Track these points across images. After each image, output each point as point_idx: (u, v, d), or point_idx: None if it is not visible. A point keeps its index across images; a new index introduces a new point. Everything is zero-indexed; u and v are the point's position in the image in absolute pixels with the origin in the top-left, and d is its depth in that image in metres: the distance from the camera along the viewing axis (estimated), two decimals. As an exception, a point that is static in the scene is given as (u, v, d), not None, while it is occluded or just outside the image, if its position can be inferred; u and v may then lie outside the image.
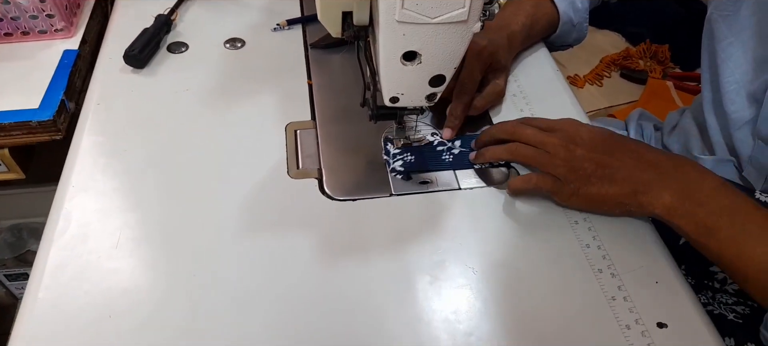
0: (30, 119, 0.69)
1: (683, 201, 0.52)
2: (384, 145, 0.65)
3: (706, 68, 0.69)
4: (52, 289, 0.51)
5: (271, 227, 0.56)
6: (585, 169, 0.55)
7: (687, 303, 0.52)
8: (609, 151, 0.56)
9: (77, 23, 0.82)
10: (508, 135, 0.61)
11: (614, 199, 0.54)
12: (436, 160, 0.64)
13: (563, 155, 0.56)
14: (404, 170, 0.63)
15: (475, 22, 0.49)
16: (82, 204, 0.58)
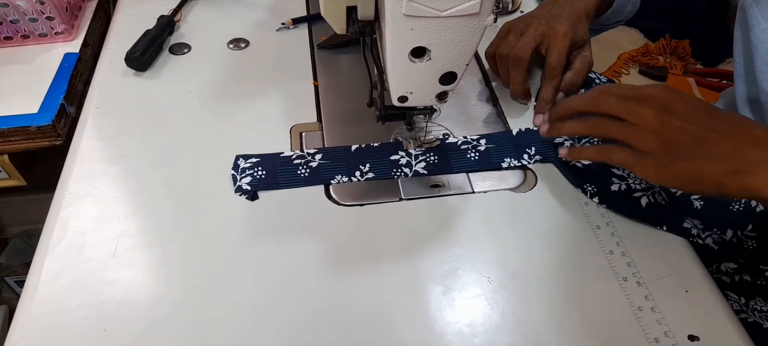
0: (29, 124, 0.67)
1: None
2: (235, 160, 0.59)
3: (740, 59, 0.65)
4: (45, 302, 0.49)
5: (275, 235, 0.54)
6: (681, 143, 0.47)
7: (720, 313, 0.48)
8: (711, 123, 0.48)
9: (78, 26, 0.81)
10: (589, 106, 0.53)
11: (713, 177, 0.46)
12: (461, 159, 0.61)
13: (655, 126, 0.48)
14: (250, 190, 0.57)
15: (487, 14, 0.46)
16: (79, 212, 0.56)
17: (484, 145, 0.62)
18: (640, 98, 0.50)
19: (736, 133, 0.47)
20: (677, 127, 0.48)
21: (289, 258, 0.52)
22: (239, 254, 0.52)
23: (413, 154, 0.61)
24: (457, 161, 0.60)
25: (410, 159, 0.60)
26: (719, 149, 0.46)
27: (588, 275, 0.51)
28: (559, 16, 0.66)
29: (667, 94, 0.50)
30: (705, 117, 0.48)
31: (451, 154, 0.61)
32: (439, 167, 0.60)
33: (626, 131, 0.49)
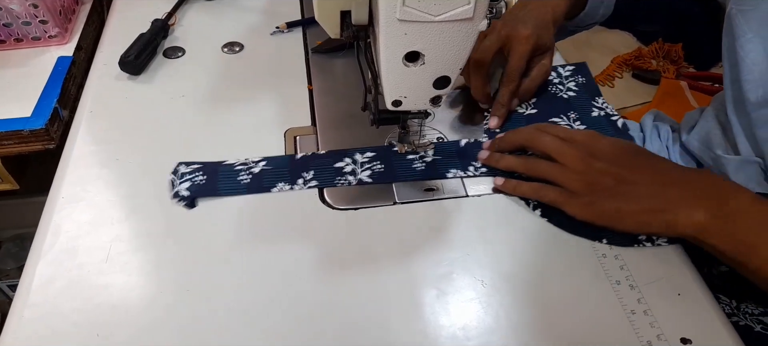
0: (22, 128, 0.67)
1: (717, 219, 0.48)
2: (176, 166, 0.58)
3: (727, 66, 0.66)
4: (38, 306, 0.48)
5: (270, 239, 0.54)
6: (603, 184, 0.52)
7: (712, 316, 0.48)
8: (630, 165, 0.52)
9: (72, 29, 0.80)
10: (525, 141, 0.58)
11: (635, 216, 0.51)
12: (407, 169, 0.60)
13: (580, 168, 0.53)
14: (189, 196, 0.56)
15: (481, 19, 0.46)
16: (72, 216, 0.55)
17: (432, 156, 0.61)
18: (569, 140, 0.55)
19: (655, 174, 0.52)
20: (600, 169, 0.52)
21: (283, 262, 0.52)
22: (233, 258, 0.52)
23: (358, 161, 0.60)
24: (402, 170, 0.60)
25: (355, 166, 0.60)
26: (639, 190, 0.51)
27: (581, 278, 0.51)
28: (525, 19, 0.65)
29: (593, 139, 0.55)
30: (627, 159, 0.53)
31: (397, 163, 0.60)
32: (384, 176, 0.59)
33: (556, 172, 0.54)
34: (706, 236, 0.48)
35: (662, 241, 0.53)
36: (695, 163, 0.75)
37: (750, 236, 0.47)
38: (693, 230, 0.49)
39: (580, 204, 0.52)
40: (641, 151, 0.55)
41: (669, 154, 0.78)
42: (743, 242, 0.47)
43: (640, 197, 0.51)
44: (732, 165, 0.66)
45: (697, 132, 0.73)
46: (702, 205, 0.49)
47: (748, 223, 0.47)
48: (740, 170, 0.65)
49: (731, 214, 0.48)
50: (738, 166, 0.65)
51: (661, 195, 0.50)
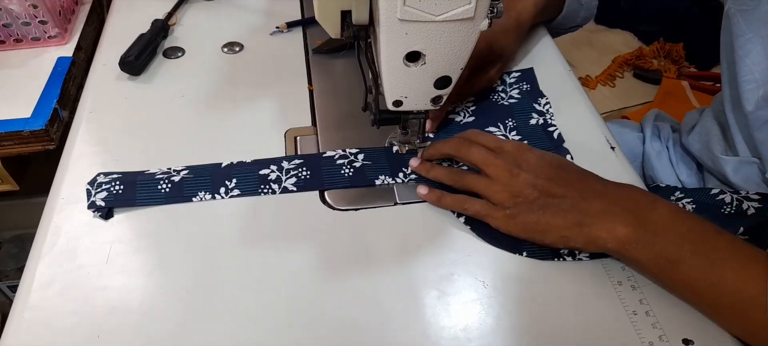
0: (22, 129, 0.66)
1: (639, 232, 0.47)
2: (95, 177, 0.57)
3: (725, 65, 0.66)
4: (38, 308, 0.48)
5: (270, 240, 0.54)
6: (527, 196, 0.51)
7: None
8: (556, 178, 0.52)
9: (72, 29, 0.80)
10: (453, 151, 0.57)
11: (556, 230, 0.50)
12: (335, 175, 0.59)
13: (505, 179, 0.52)
14: (104, 207, 0.54)
15: (482, 19, 0.46)
16: (71, 217, 0.55)
17: (361, 162, 0.60)
18: (497, 151, 0.55)
19: (578, 188, 0.51)
20: (524, 181, 0.52)
21: (284, 263, 0.51)
22: (233, 260, 0.52)
23: (284, 168, 0.59)
24: (329, 177, 0.59)
25: (280, 174, 0.58)
26: (562, 203, 0.50)
27: (582, 279, 0.51)
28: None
29: (521, 151, 0.55)
30: (553, 172, 0.52)
31: (325, 169, 0.59)
32: (310, 183, 0.58)
33: (481, 185, 0.54)
34: (629, 250, 0.47)
35: (584, 256, 0.52)
36: (695, 164, 0.75)
37: (671, 249, 0.46)
38: (615, 244, 0.48)
39: (504, 216, 0.52)
40: (568, 165, 0.54)
41: (669, 154, 0.78)
42: (665, 257, 0.46)
43: (562, 210, 0.50)
44: (730, 165, 0.66)
45: (697, 133, 0.73)
46: (624, 219, 0.48)
47: (669, 236, 0.47)
48: (739, 171, 0.65)
49: (653, 227, 0.47)
50: (736, 167, 0.65)
51: (583, 209, 0.49)
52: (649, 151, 0.79)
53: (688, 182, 0.74)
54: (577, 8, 0.78)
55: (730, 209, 0.61)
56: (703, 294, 0.46)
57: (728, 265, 0.45)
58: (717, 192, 0.63)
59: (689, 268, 0.46)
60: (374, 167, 0.60)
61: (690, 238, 0.46)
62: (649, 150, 0.79)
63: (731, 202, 0.62)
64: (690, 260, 0.46)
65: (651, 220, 0.48)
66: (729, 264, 0.45)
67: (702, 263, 0.45)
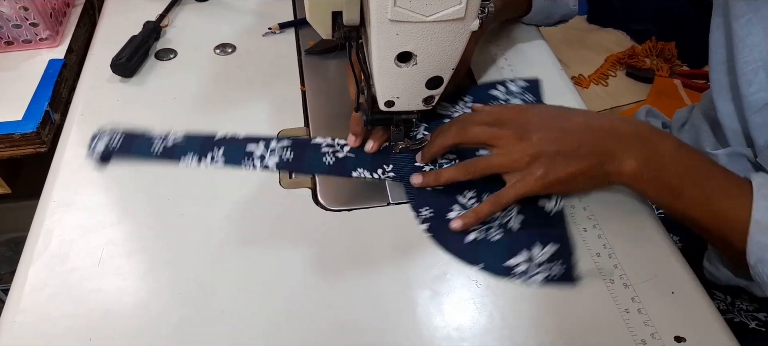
0: (13, 132, 0.66)
1: (647, 165, 0.51)
2: (95, 134, 0.60)
3: (721, 49, 0.65)
4: (30, 311, 0.48)
5: (263, 241, 0.53)
6: (546, 153, 0.52)
7: (706, 314, 0.48)
8: (563, 128, 0.53)
9: (63, 32, 0.80)
10: (455, 139, 0.56)
11: (584, 174, 0.52)
12: (317, 162, 0.59)
13: (519, 147, 0.53)
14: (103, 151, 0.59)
15: (472, 19, 0.46)
16: (63, 220, 0.55)
17: (345, 153, 0.60)
18: (498, 122, 0.55)
19: (588, 131, 0.53)
20: (538, 140, 0.53)
21: (276, 264, 0.51)
22: (226, 261, 0.52)
23: (271, 147, 0.60)
24: (310, 163, 0.59)
25: (265, 152, 0.60)
26: (580, 149, 0.52)
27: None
28: None
29: (521, 113, 0.55)
30: (560, 122, 0.54)
31: (309, 154, 0.60)
32: (290, 165, 0.59)
33: (497, 161, 0.54)
34: (638, 182, 0.52)
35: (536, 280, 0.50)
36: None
37: (674, 181, 0.51)
38: (628, 178, 0.52)
39: (534, 180, 0.52)
40: (566, 111, 0.57)
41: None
42: (669, 187, 0.51)
43: (583, 156, 0.52)
44: (722, 159, 0.66)
45: (687, 130, 0.73)
46: (632, 152, 0.51)
47: (673, 168, 0.51)
48: (730, 163, 0.65)
49: (658, 160, 0.51)
50: (728, 160, 0.65)
51: (600, 148, 0.52)
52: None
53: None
54: (548, 5, 0.78)
55: None
56: (700, 219, 0.51)
57: (722, 194, 0.50)
58: None
59: (690, 197, 0.51)
60: (355, 160, 0.60)
61: (691, 170, 0.51)
62: None
63: None
64: (690, 190, 0.51)
65: (657, 153, 0.51)
66: (722, 194, 0.50)
67: (700, 193, 0.51)
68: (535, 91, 0.70)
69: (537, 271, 0.50)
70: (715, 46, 0.65)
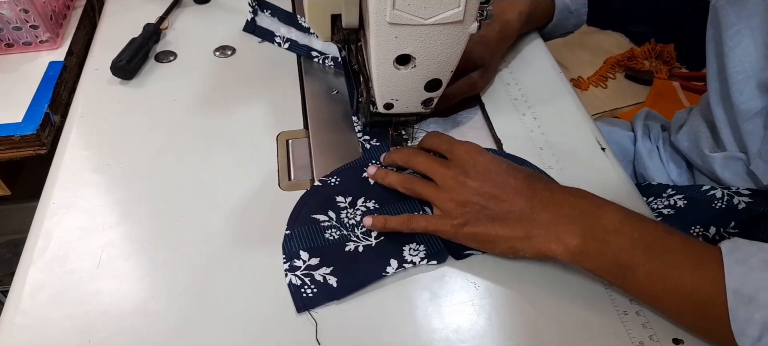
0: (13, 134, 0.66)
1: (590, 242, 0.46)
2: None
3: (713, 58, 0.66)
4: (29, 313, 0.48)
5: (262, 243, 0.54)
6: (474, 205, 0.50)
7: (704, 316, 0.49)
8: (502, 184, 0.50)
9: (63, 34, 0.80)
10: (403, 162, 0.57)
11: (505, 241, 0.49)
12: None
13: (451, 187, 0.51)
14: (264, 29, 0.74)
15: (471, 22, 0.46)
16: (63, 222, 0.55)
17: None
18: (449, 152, 0.54)
19: (526, 196, 0.50)
20: (471, 189, 0.51)
21: (276, 266, 0.51)
22: (226, 263, 0.52)
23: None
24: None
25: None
26: (509, 214, 0.49)
27: (573, 280, 0.51)
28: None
29: (471, 154, 0.53)
30: (501, 179, 0.51)
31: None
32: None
33: (429, 192, 0.53)
34: (582, 261, 0.47)
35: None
36: (685, 163, 0.76)
37: (624, 256, 0.45)
38: (567, 256, 0.47)
39: (452, 226, 0.50)
40: (518, 170, 0.52)
41: (660, 154, 0.79)
42: (618, 264, 0.46)
43: (510, 221, 0.49)
44: (718, 162, 0.66)
45: (686, 132, 0.74)
46: (572, 229, 0.47)
47: (620, 243, 0.46)
48: (726, 167, 0.66)
49: (602, 235, 0.46)
50: (724, 163, 0.66)
51: (532, 220, 0.48)
52: (640, 150, 0.80)
53: (679, 181, 0.75)
54: (567, 16, 0.78)
55: (721, 203, 0.62)
56: (661, 298, 0.45)
57: (683, 266, 0.44)
58: (708, 188, 0.64)
59: (645, 273, 0.45)
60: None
61: (642, 243, 0.45)
62: (640, 149, 0.80)
63: (722, 197, 0.62)
64: (645, 266, 0.45)
65: (600, 227, 0.47)
66: (684, 265, 0.44)
67: (657, 267, 0.45)
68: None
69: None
70: (709, 55, 0.66)
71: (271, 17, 0.78)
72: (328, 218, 0.54)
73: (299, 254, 0.51)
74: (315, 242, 0.52)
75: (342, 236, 0.53)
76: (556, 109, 0.69)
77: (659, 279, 0.44)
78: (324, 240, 0.52)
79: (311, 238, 0.53)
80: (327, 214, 0.55)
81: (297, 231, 0.53)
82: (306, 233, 0.53)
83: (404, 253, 0.52)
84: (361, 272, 0.50)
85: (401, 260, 0.51)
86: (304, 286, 0.49)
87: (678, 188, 0.67)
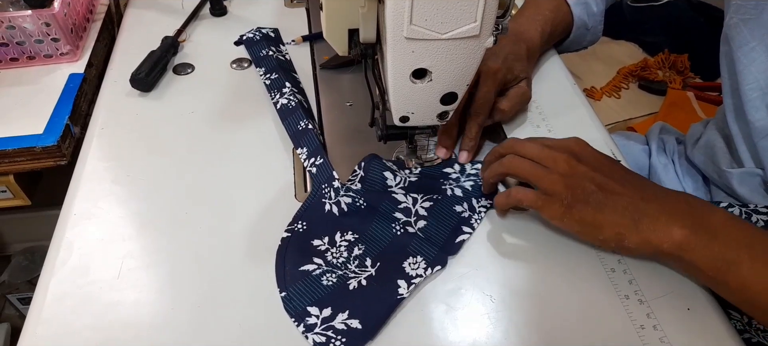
0: (34, 145, 0.67)
1: (697, 235, 0.47)
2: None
3: (726, 76, 0.66)
4: (51, 323, 0.49)
5: (279, 254, 0.54)
6: (585, 188, 0.50)
7: (722, 332, 0.48)
8: (613, 175, 0.51)
9: (83, 46, 0.81)
10: (508, 148, 0.56)
11: (612, 227, 0.49)
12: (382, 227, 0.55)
13: (563, 169, 0.51)
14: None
15: (487, 36, 0.47)
16: (84, 233, 0.56)
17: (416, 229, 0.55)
18: (554, 147, 0.54)
19: (637, 187, 0.50)
20: (583, 173, 0.51)
21: (293, 278, 0.52)
22: (245, 274, 0.52)
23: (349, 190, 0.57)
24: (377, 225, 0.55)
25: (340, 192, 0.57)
26: (619, 200, 0.49)
27: (590, 293, 0.51)
28: (497, 53, 0.64)
29: (579, 145, 0.54)
30: (610, 170, 0.52)
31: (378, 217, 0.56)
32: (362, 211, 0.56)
33: (537, 172, 0.52)
34: (686, 252, 0.47)
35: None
36: (700, 177, 0.75)
37: (730, 253, 0.46)
38: (671, 247, 0.47)
39: (560, 206, 0.50)
40: (624, 167, 0.54)
41: (675, 168, 0.78)
42: (723, 259, 0.46)
43: (620, 207, 0.49)
44: (735, 178, 0.66)
45: (702, 146, 0.73)
46: (680, 221, 0.48)
47: (727, 239, 0.46)
48: (743, 183, 0.65)
49: (711, 230, 0.47)
50: (741, 179, 0.65)
51: (641, 209, 0.49)
52: (655, 164, 0.79)
53: (695, 196, 0.74)
54: (583, 33, 0.79)
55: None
56: (759, 298, 0.45)
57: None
58: (725, 206, 0.64)
59: (748, 270, 0.45)
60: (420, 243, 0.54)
61: (747, 242, 0.46)
62: (655, 163, 0.79)
63: (740, 215, 0.62)
64: (749, 263, 0.45)
65: (708, 223, 0.47)
66: None
67: (761, 266, 0.45)
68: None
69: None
70: (722, 72, 0.66)
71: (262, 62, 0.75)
72: (316, 265, 0.52)
73: (307, 311, 0.49)
74: (317, 293, 0.50)
75: (339, 277, 0.51)
76: (570, 121, 0.69)
77: (762, 279, 0.45)
78: (324, 288, 0.50)
79: (311, 291, 0.50)
80: (313, 262, 0.52)
81: (293, 290, 0.50)
82: (303, 288, 0.50)
83: (407, 270, 0.51)
84: (377, 304, 0.49)
85: (408, 278, 0.51)
86: (331, 341, 0.47)
87: None
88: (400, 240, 0.54)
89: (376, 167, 0.59)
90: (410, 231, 0.54)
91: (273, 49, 0.76)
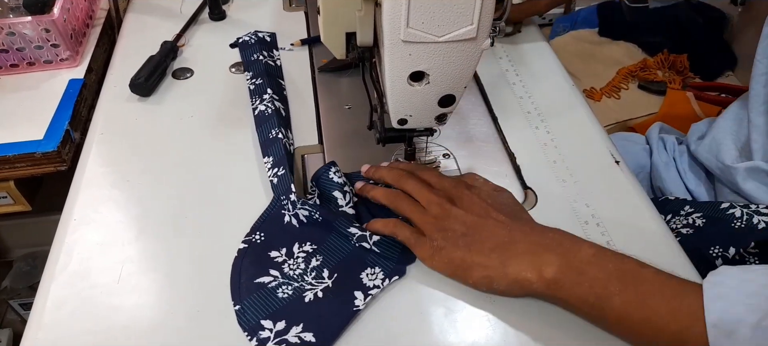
0: (34, 151, 0.68)
1: (565, 272, 0.46)
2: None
3: (765, 59, 0.64)
4: (51, 328, 0.49)
5: (278, 258, 0.54)
6: (455, 231, 0.51)
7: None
8: (484, 216, 0.51)
9: (83, 52, 0.82)
10: (393, 181, 0.57)
11: (480, 269, 0.49)
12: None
13: (435, 212, 0.52)
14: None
15: (484, 39, 0.47)
16: (84, 237, 0.56)
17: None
18: (435, 186, 0.55)
19: (507, 228, 0.50)
20: (455, 215, 0.52)
21: (292, 281, 0.52)
22: (243, 278, 0.52)
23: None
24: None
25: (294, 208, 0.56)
26: (487, 242, 0.50)
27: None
28: None
29: (458, 188, 0.55)
30: (484, 211, 0.52)
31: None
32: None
33: (413, 210, 0.54)
34: (557, 290, 0.46)
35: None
36: (704, 173, 0.75)
37: (598, 288, 0.45)
38: (542, 285, 0.47)
39: (430, 248, 0.51)
40: (502, 207, 0.54)
41: (676, 165, 0.79)
42: (594, 294, 0.45)
43: (487, 249, 0.49)
44: (741, 173, 0.66)
45: (707, 142, 0.73)
46: (548, 259, 0.47)
47: (596, 274, 0.46)
48: (749, 177, 0.65)
49: (579, 266, 0.46)
50: (746, 174, 0.65)
51: (508, 249, 0.49)
52: (656, 162, 0.79)
53: (698, 192, 0.74)
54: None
55: (740, 223, 0.61)
56: (637, 328, 0.44)
57: (659, 297, 0.44)
58: (727, 206, 0.63)
59: (621, 303, 0.44)
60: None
61: (617, 274, 0.45)
62: (656, 161, 0.79)
63: (741, 216, 0.62)
64: (620, 295, 0.44)
65: (577, 259, 0.47)
66: (660, 296, 0.44)
67: (633, 297, 0.44)
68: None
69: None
70: (760, 56, 0.65)
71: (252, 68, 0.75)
72: (273, 276, 0.51)
73: (261, 324, 0.48)
74: (271, 306, 0.49)
75: (295, 289, 0.50)
76: (569, 122, 0.69)
77: (635, 308, 0.44)
78: (279, 301, 0.49)
79: (265, 303, 0.49)
80: (270, 274, 0.52)
81: (247, 302, 0.49)
82: (257, 300, 0.49)
83: (365, 281, 0.51)
84: (332, 317, 0.48)
85: (365, 289, 0.51)
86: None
87: (696, 206, 0.67)
88: (358, 252, 0.54)
89: (325, 184, 0.58)
90: (366, 247, 0.54)
91: (264, 54, 0.76)
